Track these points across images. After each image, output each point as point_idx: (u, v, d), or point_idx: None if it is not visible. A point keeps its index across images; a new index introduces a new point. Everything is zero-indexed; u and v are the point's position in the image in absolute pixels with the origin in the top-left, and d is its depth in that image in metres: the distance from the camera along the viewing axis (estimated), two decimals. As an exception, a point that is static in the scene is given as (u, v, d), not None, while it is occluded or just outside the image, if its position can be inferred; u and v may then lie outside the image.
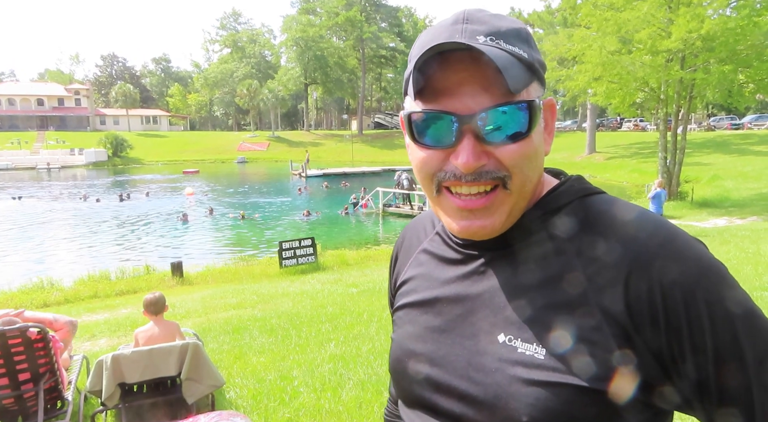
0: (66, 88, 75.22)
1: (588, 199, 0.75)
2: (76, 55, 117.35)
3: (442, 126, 0.67)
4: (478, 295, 0.75)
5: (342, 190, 28.53)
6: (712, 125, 46.41)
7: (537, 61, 0.70)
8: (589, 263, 0.68)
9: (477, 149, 0.66)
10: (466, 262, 0.78)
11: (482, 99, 0.65)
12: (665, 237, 0.66)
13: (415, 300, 0.83)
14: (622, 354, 0.63)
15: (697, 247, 0.66)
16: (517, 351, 0.68)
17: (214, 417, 2.45)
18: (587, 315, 0.65)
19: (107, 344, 5.74)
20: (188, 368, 3.39)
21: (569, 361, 0.64)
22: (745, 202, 17.64)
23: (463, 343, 0.74)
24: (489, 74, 0.65)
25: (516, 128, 0.66)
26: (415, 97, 0.68)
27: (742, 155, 28.21)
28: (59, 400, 3.42)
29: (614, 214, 0.71)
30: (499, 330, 0.71)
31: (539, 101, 0.69)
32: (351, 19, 62.81)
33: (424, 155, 0.71)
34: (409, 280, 0.87)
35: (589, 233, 0.70)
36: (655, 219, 0.69)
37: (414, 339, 0.80)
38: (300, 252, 11.07)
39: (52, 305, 9.04)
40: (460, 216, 0.71)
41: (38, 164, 49.55)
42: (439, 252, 0.84)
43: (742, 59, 16.49)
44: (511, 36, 0.68)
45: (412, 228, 0.95)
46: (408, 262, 0.90)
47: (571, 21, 28.88)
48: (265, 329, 5.80)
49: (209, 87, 76.67)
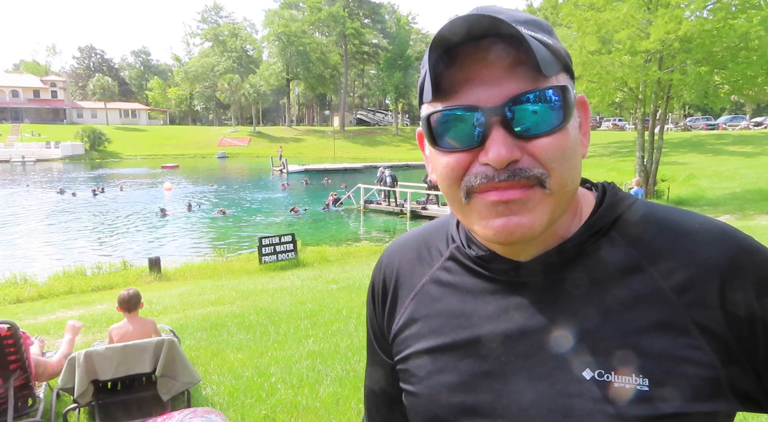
0: (42, 79, 73.54)
1: (632, 208, 0.67)
2: (52, 47, 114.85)
3: (466, 122, 0.59)
4: (541, 329, 0.64)
5: (324, 186, 28.44)
6: (689, 125, 47.35)
7: (564, 50, 0.63)
8: (671, 278, 0.61)
9: (508, 141, 0.57)
10: (512, 292, 0.67)
11: (509, 86, 0.58)
12: (742, 242, 0.62)
13: (442, 344, 0.69)
14: (728, 370, 0.59)
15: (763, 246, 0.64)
16: (615, 385, 0.59)
17: (188, 413, 2.43)
18: (684, 335, 0.59)
19: (82, 340, 5.65)
20: (163, 365, 3.36)
21: (678, 388, 0.57)
22: (719, 201, 18.04)
23: (536, 388, 0.62)
24: (515, 60, 0.58)
25: (550, 116, 0.58)
26: (433, 97, 0.60)
27: (717, 155, 28.82)
28: (30, 398, 3.36)
29: (679, 223, 0.65)
30: (583, 366, 0.60)
31: (573, 91, 0.62)
32: (334, 15, 62.51)
33: (448, 160, 0.61)
34: (418, 320, 0.73)
35: (661, 246, 0.63)
36: (719, 224, 0.64)
37: (457, 390, 0.67)
38: (280, 248, 11.00)
39: (25, 301, 8.86)
40: (496, 214, 0.60)
41: (12, 157, 48.44)
42: (464, 283, 0.71)
43: (717, 61, 16.84)
44: (533, 24, 0.62)
45: (400, 256, 0.80)
46: (409, 297, 0.76)
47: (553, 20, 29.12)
48: (243, 325, 5.77)
49: (189, 81, 75.74)
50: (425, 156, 0.70)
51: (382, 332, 0.80)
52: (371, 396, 0.88)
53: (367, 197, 21.22)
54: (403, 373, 0.74)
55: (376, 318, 0.82)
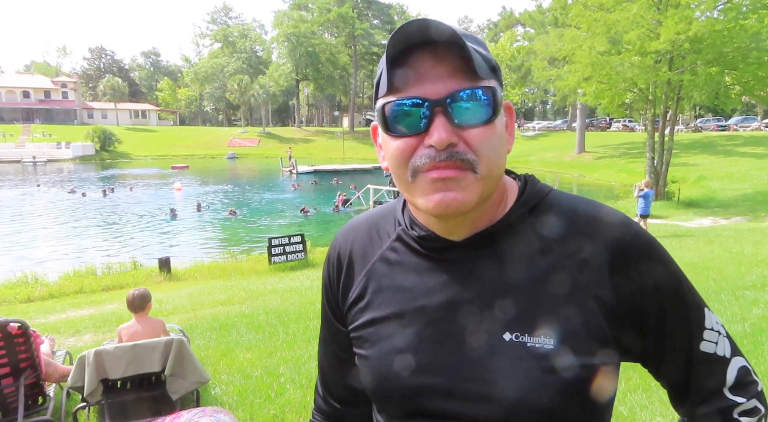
0: (53, 80, 74.33)
1: (548, 198, 0.80)
2: (63, 48, 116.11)
3: (414, 112, 0.70)
4: (470, 299, 0.76)
5: (333, 186, 28.47)
6: (699, 126, 46.92)
7: (494, 61, 0.75)
8: (574, 258, 0.75)
9: (448, 128, 0.69)
10: (448, 269, 0.79)
11: (450, 84, 0.69)
12: (632, 231, 0.77)
13: (390, 313, 0.81)
14: (614, 331, 0.74)
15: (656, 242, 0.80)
16: (527, 345, 0.73)
17: (197, 413, 2.44)
18: (582, 303, 0.73)
19: (92, 340, 5.69)
20: (172, 364, 3.36)
21: (576, 345, 0.72)
22: (730, 202, 17.87)
23: (466, 348, 0.75)
24: (455, 63, 0.69)
25: (481, 111, 0.70)
26: (387, 91, 0.72)
27: (728, 156, 28.56)
28: (41, 396, 3.39)
29: (583, 212, 0.79)
30: (503, 329, 0.74)
31: (501, 94, 0.74)
32: (343, 16, 62.66)
33: (398, 144, 0.73)
34: (367, 293, 0.85)
35: (568, 231, 0.77)
36: (616, 214, 0.79)
37: (402, 352, 0.79)
38: (289, 248, 11.03)
39: (36, 300, 8.95)
40: (435, 189, 0.71)
41: (24, 157, 48.93)
42: (408, 261, 0.83)
43: (728, 61, 16.69)
44: (471, 38, 0.73)
45: (353, 237, 0.91)
46: (362, 273, 0.87)
47: (562, 21, 29.00)
48: (252, 326, 5.78)
49: (199, 82, 76.16)
50: (377, 145, 0.81)
51: (337, 303, 0.91)
52: (324, 359, 1.00)
53: (376, 198, 21.24)
54: (356, 340, 0.86)
55: (332, 292, 0.93)
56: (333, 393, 1.00)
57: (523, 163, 38.29)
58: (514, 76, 57.41)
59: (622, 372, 3.50)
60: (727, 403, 0.79)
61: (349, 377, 0.93)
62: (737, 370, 0.80)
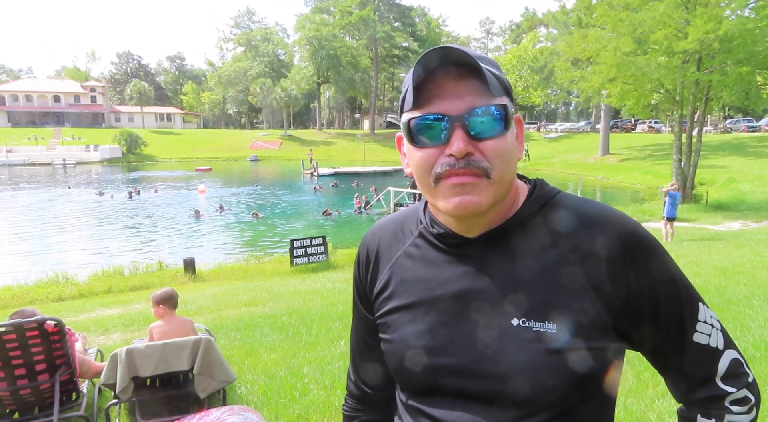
0: (82, 85, 76.08)
1: (554, 199, 0.90)
2: (92, 53, 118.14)
3: (436, 126, 0.80)
4: (483, 289, 0.85)
5: (354, 189, 28.58)
6: (729, 127, 45.80)
7: (506, 80, 0.85)
8: (576, 252, 0.83)
9: (466, 139, 0.79)
10: (463, 262, 0.88)
11: (467, 101, 0.80)
12: (629, 228, 0.85)
13: (411, 302, 0.91)
14: (612, 318, 0.82)
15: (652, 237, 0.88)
16: (533, 330, 0.81)
17: (225, 411, 2.48)
18: (582, 293, 0.81)
19: (121, 338, 5.82)
20: (200, 363, 3.43)
21: (576, 330, 0.80)
22: (761, 205, 17.40)
23: (479, 333, 0.84)
24: (472, 83, 0.80)
25: (494, 125, 0.80)
26: (413, 106, 0.82)
27: (759, 158, 27.83)
28: (74, 392, 3.48)
29: (584, 211, 0.87)
30: (511, 316, 0.83)
31: (512, 110, 0.84)
32: (364, 19, 62.84)
33: (422, 154, 0.83)
34: (392, 284, 0.95)
35: (571, 228, 0.85)
36: (615, 213, 0.87)
37: (422, 336, 0.89)
38: (311, 250, 11.11)
39: (67, 299, 9.18)
40: (455, 193, 0.81)
41: (54, 160, 50.23)
42: (428, 255, 0.92)
43: (760, 61, 16.23)
44: (486, 60, 0.83)
45: (380, 235, 1.02)
46: (387, 267, 0.97)
47: (586, 21, 28.62)
48: (275, 326, 5.84)
49: (223, 85, 77.10)
50: (402, 154, 0.92)
51: (366, 294, 1.02)
52: (355, 345, 1.11)
53: (397, 200, 21.24)
54: (381, 325, 0.96)
55: (361, 284, 1.04)
56: (362, 377, 1.10)
57: (545, 166, 37.87)
58: (537, 77, 56.90)
59: (649, 378, 3.43)
60: (719, 392, 0.86)
61: (377, 362, 1.03)
62: (729, 361, 0.87)
